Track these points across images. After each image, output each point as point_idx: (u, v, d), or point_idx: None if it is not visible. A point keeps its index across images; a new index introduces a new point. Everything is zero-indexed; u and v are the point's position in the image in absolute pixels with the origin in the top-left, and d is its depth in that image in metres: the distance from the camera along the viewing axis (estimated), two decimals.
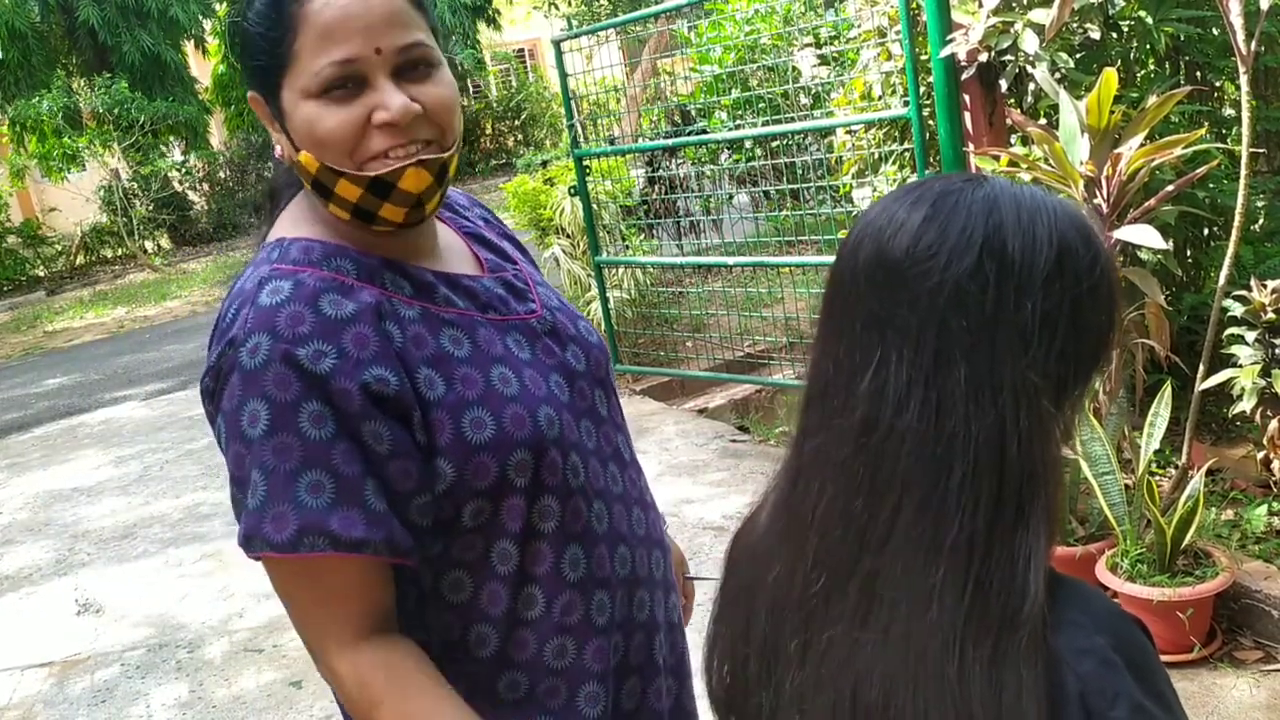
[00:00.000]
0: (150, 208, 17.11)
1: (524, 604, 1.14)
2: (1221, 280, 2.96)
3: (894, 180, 4.33)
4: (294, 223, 1.14)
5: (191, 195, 18.68)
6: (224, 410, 1.03)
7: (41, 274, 17.24)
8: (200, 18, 19.06)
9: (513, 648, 1.14)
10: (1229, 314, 2.97)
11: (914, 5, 3.76)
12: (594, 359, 1.26)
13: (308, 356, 1.01)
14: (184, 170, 18.29)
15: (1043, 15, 3.19)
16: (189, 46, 19.51)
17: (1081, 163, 2.89)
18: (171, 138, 18.43)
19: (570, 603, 1.16)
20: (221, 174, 18.55)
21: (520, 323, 1.19)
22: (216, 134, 20.51)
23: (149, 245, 17.30)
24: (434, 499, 1.08)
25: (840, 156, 4.76)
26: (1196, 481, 2.88)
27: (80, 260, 17.75)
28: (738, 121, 6.00)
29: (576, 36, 5.79)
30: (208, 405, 1.08)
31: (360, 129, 1.05)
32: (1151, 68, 4.07)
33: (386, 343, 1.05)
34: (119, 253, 17.56)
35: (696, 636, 1.05)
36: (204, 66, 20.41)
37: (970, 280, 0.76)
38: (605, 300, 5.83)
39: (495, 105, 21.53)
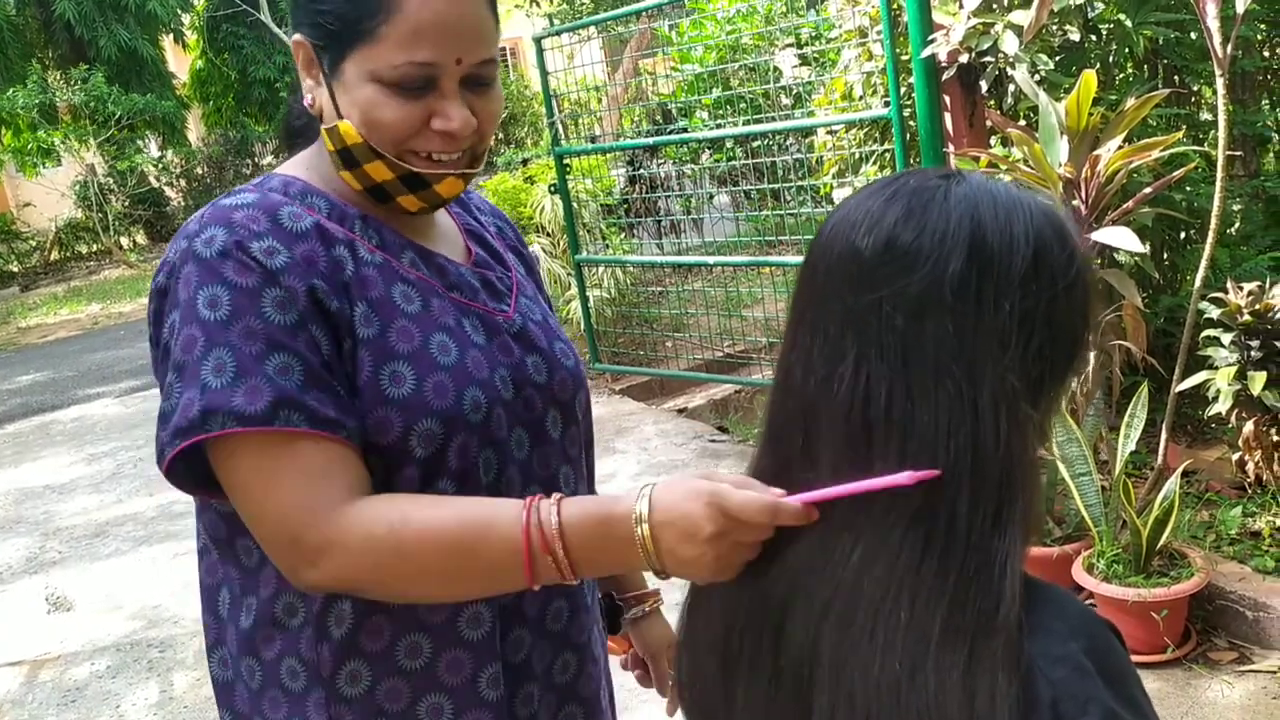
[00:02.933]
0: (126, 203, 16.96)
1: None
2: (1198, 283, 2.97)
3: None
4: (292, 165, 1.15)
5: (168, 191, 18.52)
6: (179, 301, 1.01)
7: (15, 270, 17.06)
8: (179, 12, 18.93)
9: (364, 635, 1.07)
10: (1205, 316, 2.98)
11: (895, 6, 3.76)
12: (559, 379, 1.19)
13: (261, 250, 1.01)
14: (160, 166, 18.14)
15: (1023, 17, 3.20)
16: (167, 41, 19.37)
17: (1060, 164, 2.90)
18: (148, 133, 18.27)
19: (437, 604, 1.08)
20: (199, 170, 18.40)
21: (484, 313, 1.15)
22: (194, 130, 20.35)
23: (124, 241, 17.15)
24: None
25: (821, 156, 4.77)
26: (1172, 483, 2.89)
27: (55, 256, 17.58)
28: (718, 121, 6.00)
29: (558, 34, 5.78)
30: (156, 304, 1.05)
31: (417, 128, 1.05)
32: (1130, 70, 4.09)
33: (336, 267, 1.05)
34: (94, 249, 17.40)
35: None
36: (182, 61, 20.26)
37: (949, 280, 0.75)
38: (585, 299, 5.81)
39: None
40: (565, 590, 1.17)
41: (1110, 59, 3.92)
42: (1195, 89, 4.25)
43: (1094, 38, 3.79)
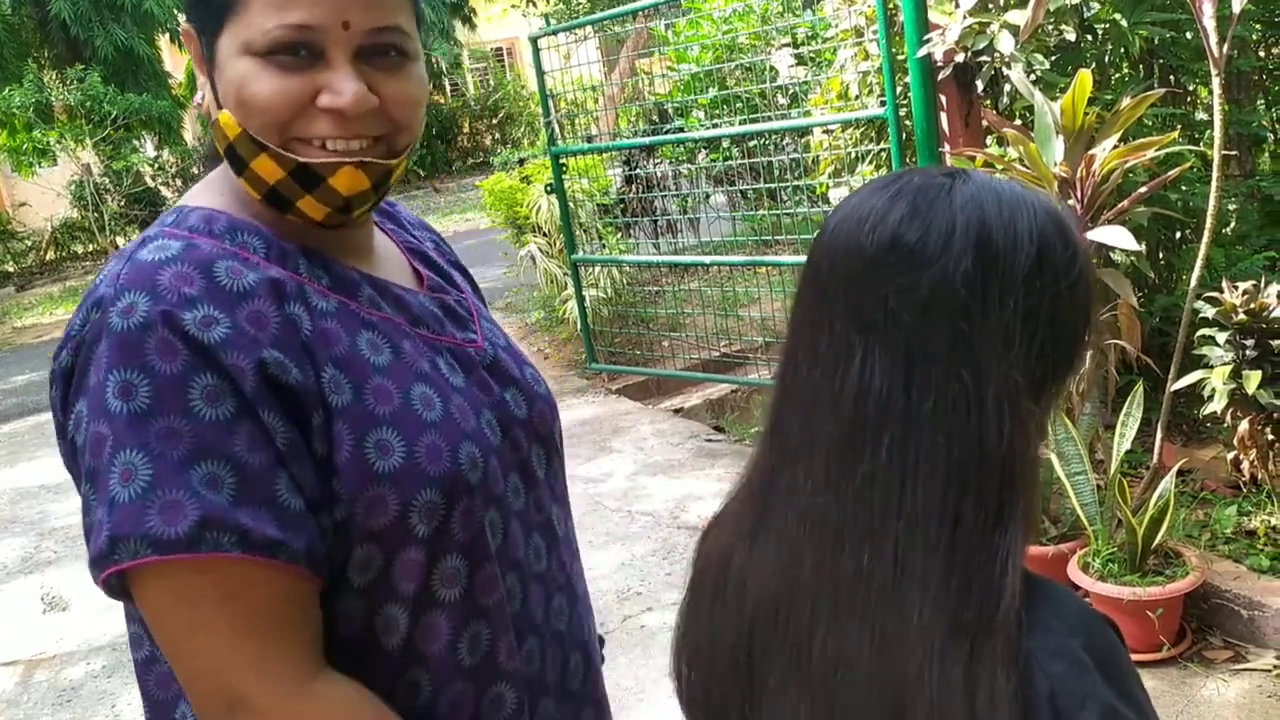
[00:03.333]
0: (122, 203, 16.92)
1: (404, 693, 0.91)
2: (1193, 282, 2.98)
3: (870, 180, 4.33)
4: (204, 190, 0.97)
5: (164, 191, 18.49)
6: (88, 387, 0.82)
7: (11, 269, 17.02)
8: (175, 12, 18.88)
9: None
10: (1200, 315, 2.99)
11: (891, 5, 3.77)
12: (538, 411, 1.06)
13: (195, 322, 0.82)
14: (157, 166, 18.10)
15: (1019, 17, 3.20)
16: (163, 40, 19.32)
17: (1056, 164, 2.90)
18: (144, 132, 18.23)
19: (462, 696, 0.93)
20: (195, 170, 18.34)
21: (455, 347, 1.01)
22: (190, 129, 20.31)
23: (120, 241, 17.09)
24: (331, 526, 0.87)
25: (817, 156, 4.77)
26: (1167, 482, 2.89)
27: (50, 256, 17.53)
28: (715, 121, 6.00)
29: (554, 34, 5.77)
30: (60, 389, 0.86)
31: (300, 105, 0.88)
32: (1126, 70, 4.10)
33: (291, 328, 0.87)
34: (90, 248, 17.35)
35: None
36: (178, 61, 20.21)
37: (955, 278, 0.75)
38: (581, 299, 5.81)
39: (472, 104, 21.45)
40: (580, 644, 1.07)
41: (1106, 59, 3.93)
42: (1191, 89, 4.25)
43: (1090, 37, 3.80)
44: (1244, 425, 3.00)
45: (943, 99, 3.67)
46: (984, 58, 3.44)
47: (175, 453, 0.80)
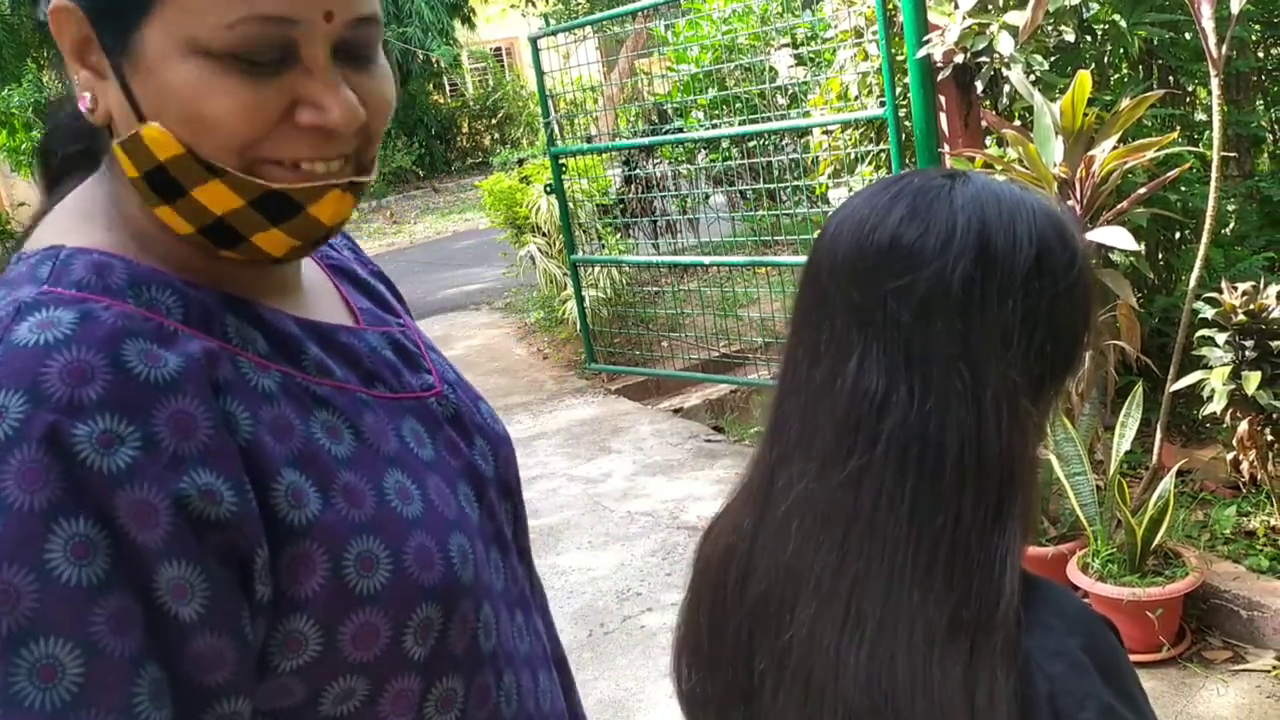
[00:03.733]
0: None
1: None
2: (1192, 282, 2.98)
3: (870, 181, 4.34)
4: (79, 222, 0.73)
5: None
6: None
7: None
8: None
9: None
10: (1199, 316, 2.99)
11: (890, 6, 3.77)
12: (503, 457, 0.91)
13: (91, 440, 0.60)
14: None
15: (1018, 17, 3.20)
16: None
17: (1055, 165, 2.90)
18: None
19: None
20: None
21: (416, 404, 0.82)
22: None
23: None
24: (269, 687, 0.68)
25: (816, 157, 4.77)
26: (1167, 482, 2.90)
27: None
28: (714, 121, 6.00)
29: (554, 34, 5.78)
30: None
31: (272, 121, 0.69)
32: (1125, 71, 4.10)
33: (225, 432, 0.66)
34: None
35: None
36: None
37: (954, 278, 0.75)
38: (581, 299, 5.81)
39: (472, 104, 21.46)
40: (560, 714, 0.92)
41: (1105, 59, 3.93)
42: (1190, 89, 4.26)
43: (1089, 38, 3.80)
44: (1243, 426, 3.00)
45: (942, 100, 3.68)
46: (983, 58, 3.44)
47: (4, 623, 0.57)
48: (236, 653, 0.64)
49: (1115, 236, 2.77)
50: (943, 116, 3.70)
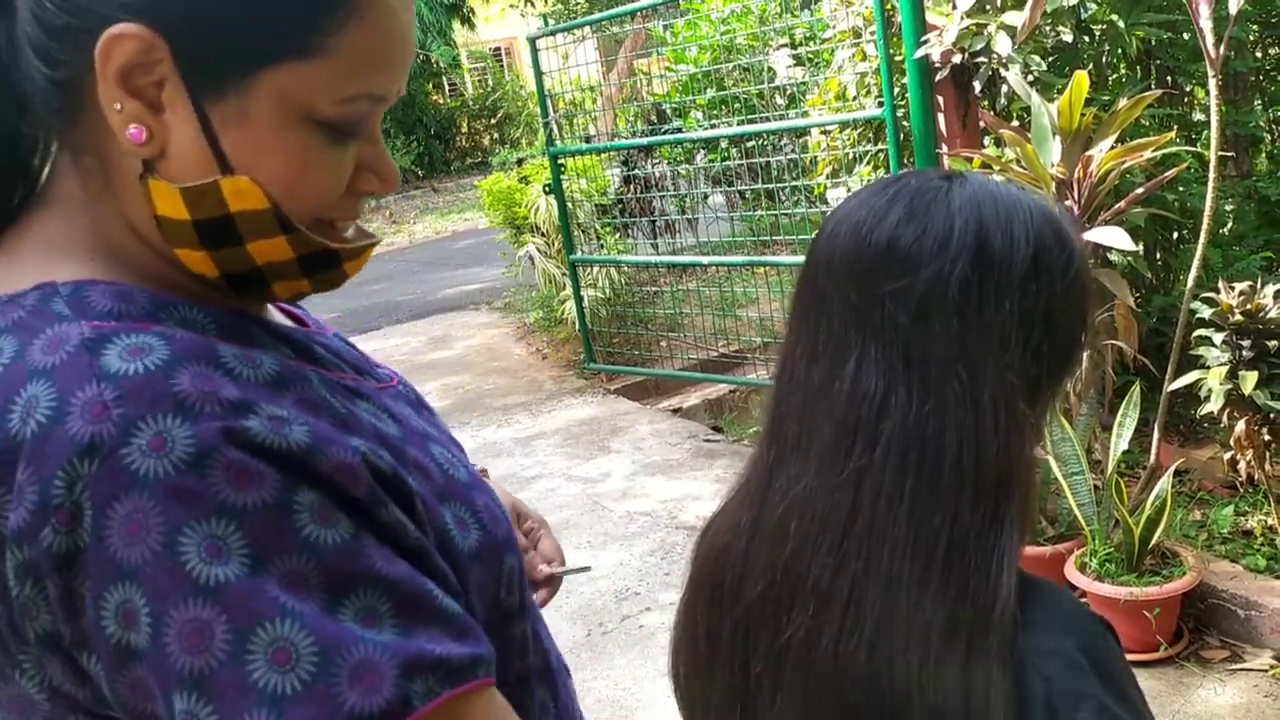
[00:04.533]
0: None
1: None
2: (1190, 282, 2.99)
3: (868, 181, 4.34)
4: (53, 255, 0.68)
5: None
6: (130, 566, 0.56)
7: None
8: None
9: None
10: (1197, 316, 2.99)
11: (889, 6, 3.77)
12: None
13: (265, 426, 0.60)
14: None
15: (1016, 18, 3.21)
16: None
17: (1053, 165, 2.91)
18: None
19: None
20: None
21: (397, 390, 0.83)
22: None
23: None
24: None
25: (815, 157, 4.78)
26: (1164, 482, 2.90)
27: None
28: (713, 121, 6.01)
29: (552, 34, 5.78)
30: (50, 583, 0.57)
31: (344, 187, 0.70)
32: (1123, 71, 4.11)
33: (330, 406, 0.67)
34: None
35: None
36: None
37: (951, 280, 0.75)
38: (580, 299, 5.81)
39: (471, 104, 21.46)
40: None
41: (1103, 60, 3.94)
42: (1188, 89, 4.26)
43: (1087, 38, 3.80)
44: (1240, 425, 3.00)
45: (940, 100, 3.68)
46: (981, 59, 3.45)
47: (314, 601, 0.58)
48: (449, 575, 0.68)
49: (1113, 236, 2.78)
50: (941, 117, 3.70)
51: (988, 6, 3.40)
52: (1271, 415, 2.93)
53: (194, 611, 0.56)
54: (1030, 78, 3.37)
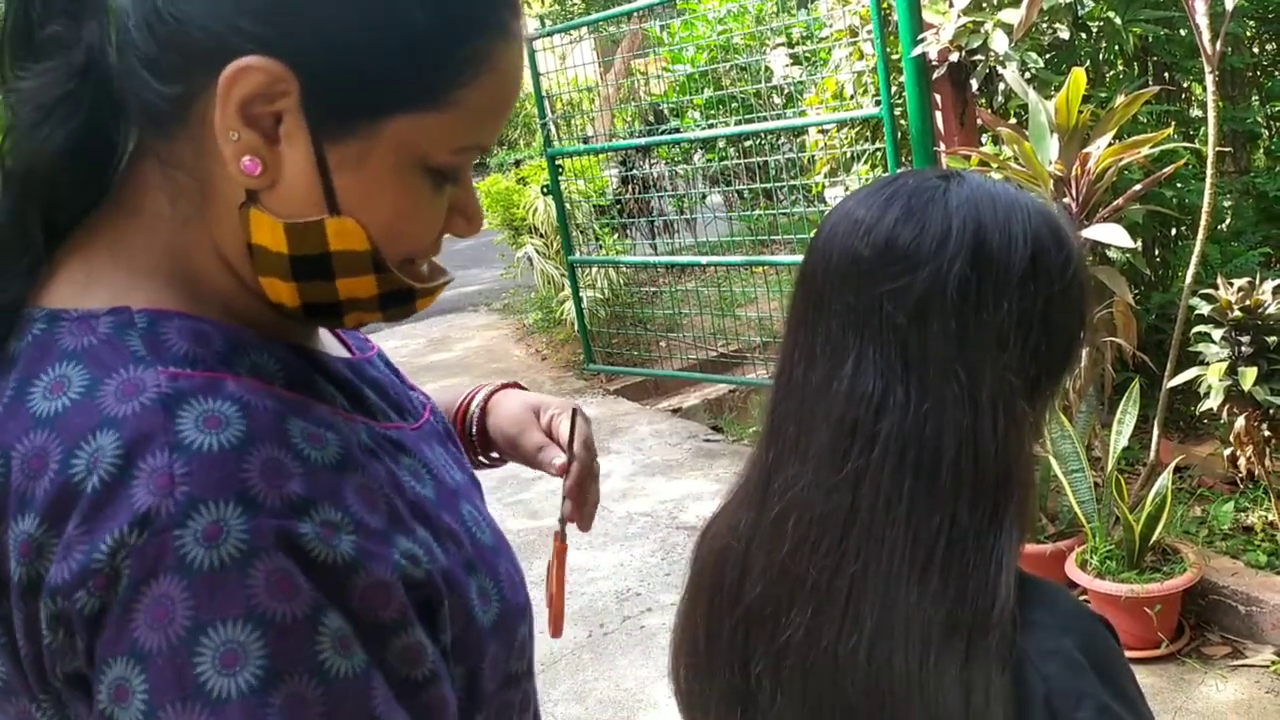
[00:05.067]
0: None
1: None
2: (1188, 279, 2.99)
3: (866, 179, 4.35)
4: (132, 276, 0.66)
5: None
6: (143, 649, 0.55)
7: None
8: None
9: None
10: (1196, 312, 2.99)
11: (885, 5, 3.77)
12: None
13: (317, 536, 0.58)
14: None
15: (1012, 15, 3.21)
16: None
17: (1051, 162, 2.91)
18: None
19: None
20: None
21: (429, 427, 0.80)
22: None
23: None
24: None
25: (813, 156, 4.78)
26: (1164, 478, 2.90)
27: None
28: (710, 121, 6.01)
29: (549, 35, 5.78)
30: (84, 634, 0.56)
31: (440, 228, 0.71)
32: (1120, 68, 4.11)
33: (384, 493, 0.65)
34: None
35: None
36: None
37: (949, 279, 0.75)
38: (579, 300, 5.81)
39: None
40: None
41: (1100, 56, 3.94)
42: (1185, 86, 4.26)
43: (1083, 35, 3.80)
44: (1240, 422, 3.00)
45: (937, 98, 3.68)
46: (978, 56, 3.45)
47: None
48: (451, 703, 0.65)
49: (1111, 234, 2.77)
50: (938, 115, 3.70)
51: (984, 4, 3.40)
52: (1271, 411, 2.93)
53: (183, 714, 0.54)
54: (1027, 75, 3.37)
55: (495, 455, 1.08)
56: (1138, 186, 2.99)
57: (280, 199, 0.63)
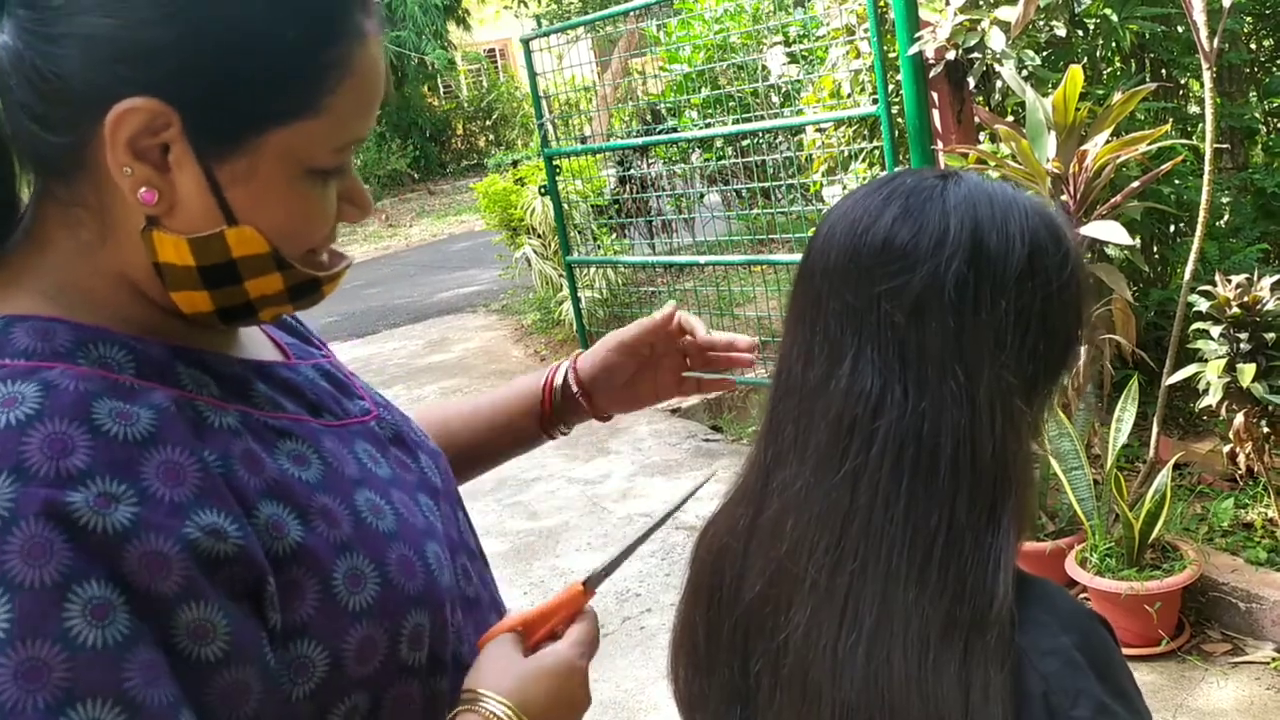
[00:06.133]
0: None
1: None
2: (1187, 276, 2.99)
3: (864, 178, 4.35)
4: (26, 291, 0.72)
5: None
6: None
7: None
8: None
9: None
10: (1194, 309, 2.99)
11: (881, 3, 3.77)
12: (444, 470, 0.94)
13: (87, 505, 0.62)
14: None
15: (1009, 13, 3.21)
16: None
17: (1048, 159, 2.91)
18: None
19: None
20: None
21: (361, 428, 0.85)
22: None
23: None
24: (285, 715, 0.70)
25: (810, 154, 4.78)
26: (1164, 476, 2.90)
27: None
28: (708, 120, 6.01)
29: (545, 35, 5.78)
30: None
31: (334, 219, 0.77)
32: (1117, 65, 4.11)
33: (211, 472, 0.68)
34: None
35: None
36: None
37: (946, 279, 0.75)
38: (577, 300, 5.81)
39: (466, 105, 21.46)
40: None
41: (1097, 54, 3.94)
42: (1183, 82, 4.26)
43: (1080, 33, 3.81)
44: (1239, 419, 3.00)
45: (935, 96, 3.68)
46: (975, 54, 3.45)
47: (39, 698, 0.58)
48: (260, 683, 0.67)
49: (1109, 231, 2.78)
50: (935, 113, 3.70)
51: (981, 2, 3.40)
52: (1270, 408, 2.93)
53: None
54: (1024, 73, 3.37)
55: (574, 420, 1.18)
56: (1135, 183, 2.99)
57: (180, 219, 0.70)
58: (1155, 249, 4.19)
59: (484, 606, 0.90)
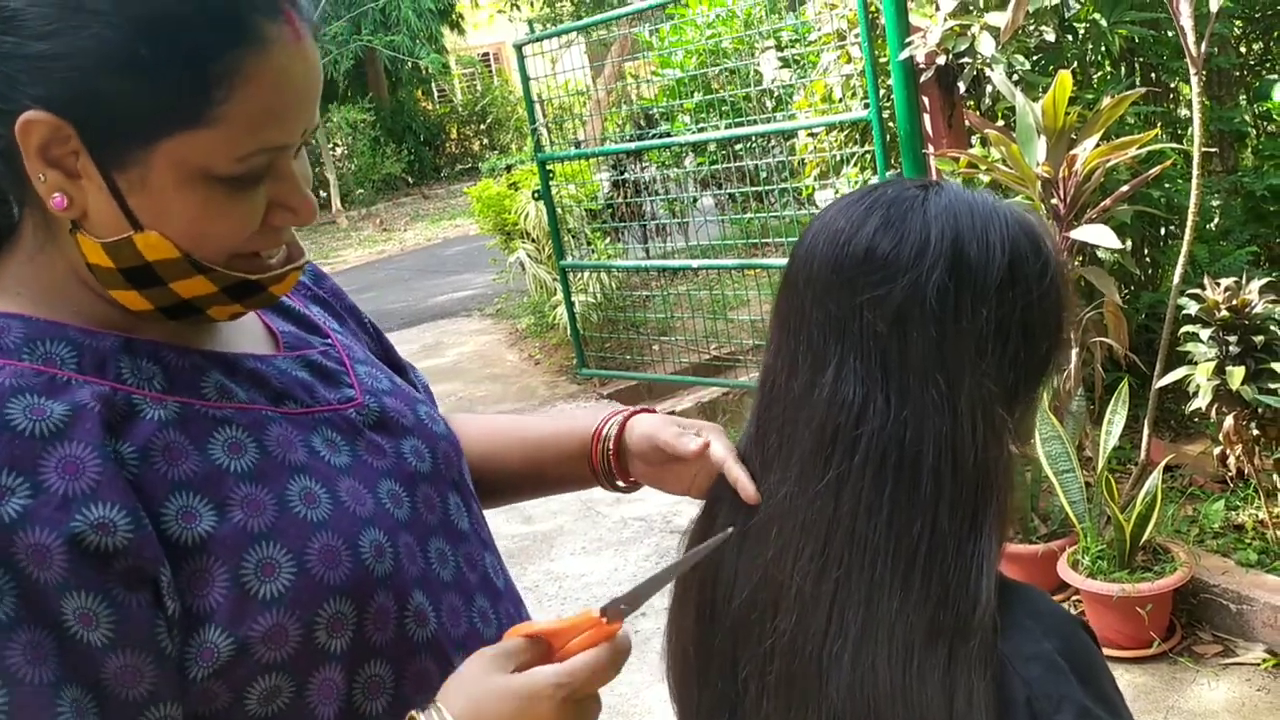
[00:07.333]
0: None
1: None
2: (1176, 279, 3.00)
3: (855, 182, 4.36)
4: None
5: None
6: None
7: None
8: None
9: None
10: (1184, 312, 3.01)
11: (872, 8, 3.79)
12: (443, 454, 0.95)
13: None
14: None
15: (999, 18, 3.22)
16: None
17: (1038, 164, 2.92)
18: None
19: None
20: None
21: (332, 415, 0.87)
22: None
23: None
24: (193, 693, 0.73)
25: (803, 159, 4.79)
26: (1155, 478, 2.91)
27: None
28: (701, 125, 6.02)
29: (538, 40, 5.78)
30: None
31: (257, 226, 0.78)
32: (1107, 69, 4.13)
33: (113, 466, 0.72)
34: None
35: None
36: None
37: (928, 288, 0.76)
38: (571, 304, 5.82)
39: (460, 109, 21.46)
40: None
41: (1087, 58, 3.96)
42: (1172, 86, 4.28)
43: (1070, 37, 3.82)
44: (1229, 421, 3.01)
45: (925, 101, 3.70)
46: (965, 59, 3.46)
47: None
48: (155, 666, 0.71)
49: (1099, 235, 2.79)
50: (926, 118, 3.71)
51: (971, 7, 3.41)
52: (1259, 410, 2.94)
53: None
54: (1014, 77, 3.38)
55: (627, 482, 1.14)
56: (1125, 187, 3.00)
57: (95, 224, 0.74)
58: (1146, 252, 4.20)
59: (472, 588, 0.91)
